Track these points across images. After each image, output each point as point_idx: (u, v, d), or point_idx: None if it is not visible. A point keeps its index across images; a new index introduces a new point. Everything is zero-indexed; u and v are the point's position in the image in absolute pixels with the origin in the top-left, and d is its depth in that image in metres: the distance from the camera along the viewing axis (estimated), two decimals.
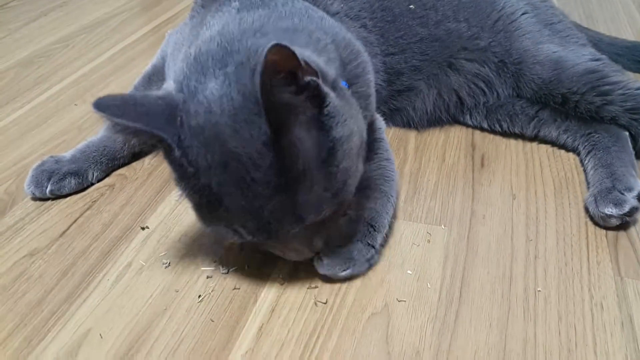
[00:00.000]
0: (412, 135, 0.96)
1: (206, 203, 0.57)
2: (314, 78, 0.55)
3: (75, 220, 0.77)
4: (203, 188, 0.56)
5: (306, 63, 0.54)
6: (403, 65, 0.92)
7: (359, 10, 0.90)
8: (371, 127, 0.78)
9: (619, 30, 1.30)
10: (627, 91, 0.84)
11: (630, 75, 0.97)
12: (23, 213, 0.79)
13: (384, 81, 0.91)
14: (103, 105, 0.54)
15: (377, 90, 0.90)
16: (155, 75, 0.92)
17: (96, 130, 0.91)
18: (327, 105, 0.56)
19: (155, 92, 0.61)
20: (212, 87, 0.56)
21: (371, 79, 0.77)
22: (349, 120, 0.59)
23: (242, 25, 0.66)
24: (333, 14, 0.86)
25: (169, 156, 0.58)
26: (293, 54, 0.51)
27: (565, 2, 1.48)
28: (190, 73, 0.59)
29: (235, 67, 0.57)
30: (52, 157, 0.83)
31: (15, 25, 1.41)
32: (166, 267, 0.69)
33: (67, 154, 0.85)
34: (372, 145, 0.77)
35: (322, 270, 0.66)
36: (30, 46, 1.30)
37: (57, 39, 1.34)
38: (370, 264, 0.68)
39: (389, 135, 0.96)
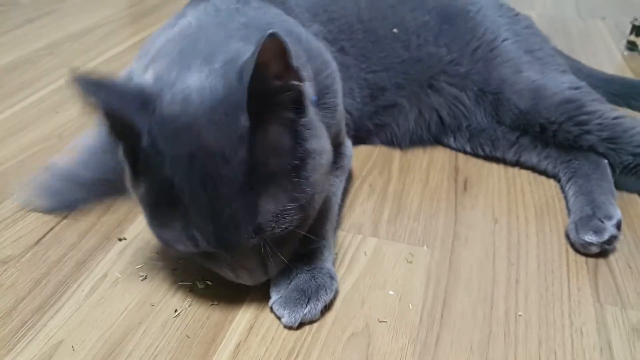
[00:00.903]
0: (396, 155, 0.97)
1: (164, 200, 0.55)
2: (300, 83, 0.55)
3: (51, 229, 0.75)
4: (164, 183, 0.54)
5: (297, 66, 0.54)
6: (386, 82, 0.93)
7: (337, 33, 0.91)
8: (337, 150, 0.76)
9: (599, 64, 1.34)
10: (604, 121, 0.86)
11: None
12: None
13: (366, 96, 0.93)
14: (81, 80, 0.51)
15: (358, 108, 0.92)
16: None
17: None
18: (305, 115, 0.57)
19: (134, 81, 0.59)
20: (194, 80, 0.55)
21: (339, 90, 0.78)
22: (322, 137, 0.60)
23: (229, 26, 0.66)
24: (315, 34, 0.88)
25: (134, 146, 0.54)
26: (288, 49, 0.52)
27: (547, 36, 1.51)
28: (172, 65, 0.58)
29: (223, 64, 0.56)
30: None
31: (1, 31, 1.40)
32: (142, 279, 0.68)
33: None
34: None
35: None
36: (15, 52, 1.29)
37: (43, 46, 1.32)
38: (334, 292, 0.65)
39: (375, 153, 0.97)
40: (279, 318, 0.63)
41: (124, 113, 0.53)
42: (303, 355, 0.59)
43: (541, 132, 0.90)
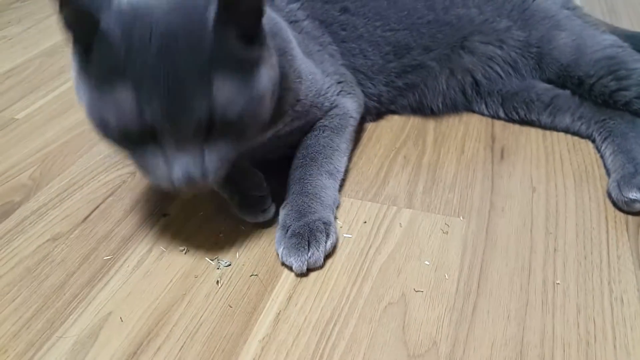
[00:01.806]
0: (430, 126, 0.96)
1: (115, 75, 0.55)
2: None
3: (97, 206, 0.79)
4: (118, 59, 0.55)
5: None
6: (410, 41, 0.92)
7: None
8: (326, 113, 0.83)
9: None
10: None
11: None
12: (47, 198, 0.81)
13: (388, 54, 0.92)
14: None
15: (378, 66, 0.92)
16: None
17: None
18: (259, 29, 0.61)
19: None
20: None
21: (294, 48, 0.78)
22: (273, 56, 0.64)
23: None
24: None
25: (88, 33, 0.56)
26: None
27: None
28: None
29: None
30: None
31: (41, 16, 1.44)
32: (185, 253, 0.70)
33: None
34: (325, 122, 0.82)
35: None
36: (55, 36, 1.32)
37: None
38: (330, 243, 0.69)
39: (408, 125, 0.96)
40: (290, 269, 0.67)
41: (82, 2, 0.54)
42: (341, 323, 0.61)
43: (578, 86, 0.89)
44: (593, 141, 0.88)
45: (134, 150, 0.60)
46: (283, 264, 0.68)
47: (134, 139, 0.58)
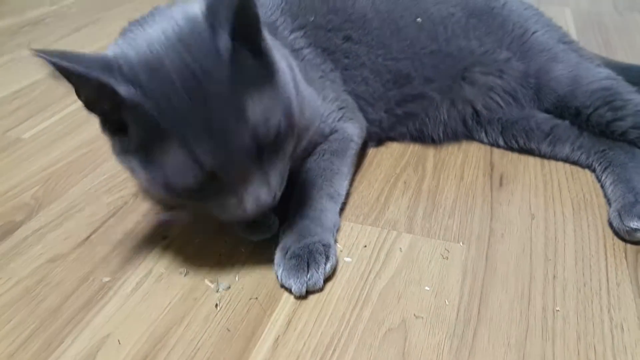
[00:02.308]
0: (430, 153, 0.97)
1: (157, 138, 0.56)
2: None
3: (97, 228, 0.79)
4: (152, 121, 0.55)
5: None
6: (411, 70, 0.94)
7: (342, 22, 0.93)
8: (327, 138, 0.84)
9: (637, 58, 1.30)
10: (639, 109, 0.86)
11: None
12: (48, 219, 0.81)
13: (388, 82, 0.93)
14: (46, 52, 0.53)
15: (379, 93, 0.94)
16: None
17: None
18: (263, 38, 0.61)
19: (97, 54, 0.60)
20: (153, 29, 0.59)
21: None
22: (283, 63, 0.66)
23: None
24: (303, 26, 0.90)
25: (112, 106, 0.56)
26: None
27: (582, 31, 1.48)
28: (128, 33, 0.61)
29: (179, 12, 0.60)
30: None
31: (50, 40, 1.46)
32: (185, 275, 0.70)
33: None
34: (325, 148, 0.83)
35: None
36: None
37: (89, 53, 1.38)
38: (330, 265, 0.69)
39: (408, 151, 0.97)
40: (290, 291, 0.67)
41: (95, 75, 0.54)
42: (340, 349, 0.60)
43: (576, 116, 0.91)
44: (593, 171, 0.89)
45: (201, 198, 0.62)
46: (282, 286, 0.68)
47: (198, 189, 0.59)
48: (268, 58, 0.61)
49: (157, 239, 0.77)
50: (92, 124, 1.04)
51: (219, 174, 0.58)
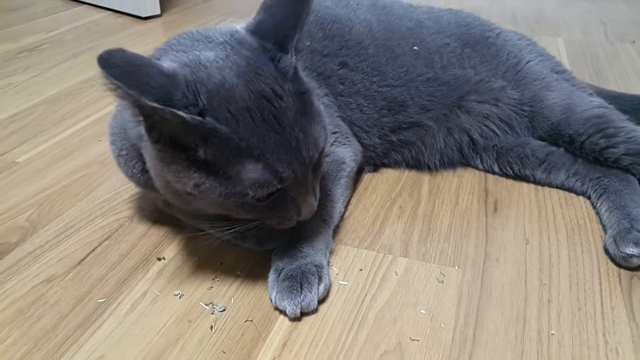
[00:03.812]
0: (425, 178, 0.98)
1: (235, 156, 0.59)
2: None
3: (93, 250, 0.79)
4: (230, 141, 0.59)
5: None
6: (407, 98, 0.95)
7: (338, 49, 0.95)
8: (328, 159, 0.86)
9: (628, 87, 1.34)
10: (631, 135, 0.89)
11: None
12: (43, 240, 0.81)
13: (382, 109, 0.95)
14: (111, 64, 0.54)
15: (373, 120, 0.95)
16: None
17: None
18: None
19: (163, 66, 0.60)
20: (213, 55, 0.62)
21: None
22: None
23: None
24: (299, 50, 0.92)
25: (185, 130, 0.58)
26: None
27: (575, 60, 1.52)
28: (184, 52, 0.63)
29: (225, 38, 0.64)
30: None
31: (47, 66, 1.48)
32: (180, 297, 0.70)
33: None
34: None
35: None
36: (60, 85, 1.36)
37: (85, 79, 1.39)
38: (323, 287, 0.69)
39: (404, 177, 0.98)
40: (284, 313, 0.67)
41: (170, 111, 0.56)
42: None
43: (570, 144, 0.93)
44: (588, 198, 0.90)
45: (264, 209, 0.65)
46: (276, 308, 0.68)
47: (265, 199, 0.63)
48: (305, 82, 0.66)
49: (152, 260, 0.77)
50: (87, 149, 1.06)
51: (290, 183, 0.63)
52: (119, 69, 0.55)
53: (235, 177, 0.61)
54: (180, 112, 0.56)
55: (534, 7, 2.12)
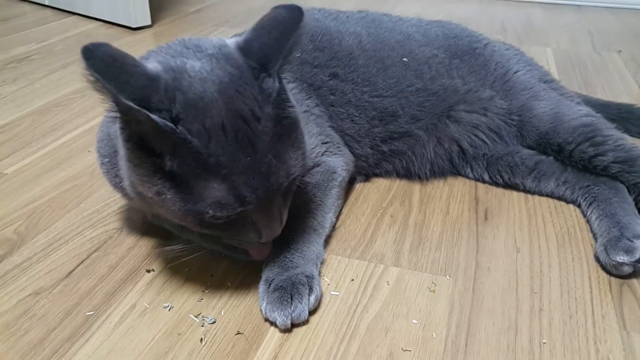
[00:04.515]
0: (416, 187, 0.98)
1: (202, 171, 0.58)
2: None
3: (82, 262, 0.78)
4: (199, 155, 0.57)
5: None
6: (397, 108, 0.95)
7: (328, 60, 0.95)
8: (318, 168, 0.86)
9: (616, 96, 1.35)
10: (619, 143, 0.90)
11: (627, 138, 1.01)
12: (31, 253, 0.80)
13: (373, 119, 0.95)
14: (94, 55, 0.54)
15: (364, 130, 0.95)
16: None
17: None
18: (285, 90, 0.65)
19: (147, 67, 0.59)
20: (199, 65, 0.61)
21: None
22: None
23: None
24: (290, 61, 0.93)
25: (155, 133, 0.57)
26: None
27: (563, 69, 1.54)
28: (170, 57, 0.63)
29: (215, 51, 0.63)
30: None
31: (36, 76, 1.47)
32: (169, 309, 0.69)
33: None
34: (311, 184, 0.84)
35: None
36: (49, 96, 1.35)
37: (75, 90, 1.39)
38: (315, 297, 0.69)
39: (395, 186, 0.98)
40: (275, 325, 0.66)
41: (145, 114, 0.55)
42: None
43: (558, 152, 0.93)
44: (578, 206, 0.90)
45: (224, 228, 0.64)
46: (267, 319, 0.67)
47: (225, 220, 0.62)
48: (290, 98, 0.66)
49: (141, 272, 0.76)
50: (76, 159, 1.06)
51: (253, 208, 0.61)
52: (102, 62, 0.55)
53: (197, 194, 0.59)
54: (153, 116, 0.55)
55: (522, 17, 2.14)
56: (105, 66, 0.54)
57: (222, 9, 2.21)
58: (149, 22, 1.91)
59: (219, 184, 0.59)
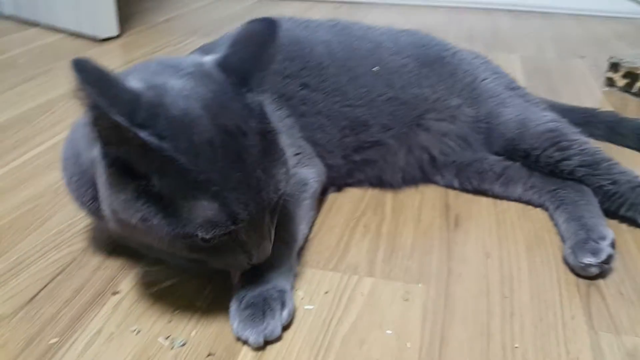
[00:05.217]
0: (389, 196, 0.98)
1: (191, 190, 0.57)
2: None
3: (45, 286, 0.75)
4: (186, 173, 0.56)
5: None
6: (369, 117, 0.95)
7: (299, 70, 0.94)
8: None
9: (580, 101, 1.37)
10: (584, 147, 0.92)
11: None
12: None
13: (345, 128, 0.95)
14: (88, 76, 0.53)
15: (336, 140, 0.95)
16: None
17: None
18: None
19: (129, 84, 0.59)
20: (181, 83, 0.60)
21: None
22: None
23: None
24: None
25: (140, 151, 0.56)
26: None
27: (530, 75, 1.56)
28: (150, 76, 0.62)
29: (193, 69, 0.63)
30: None
31: None
32: (137, 333, 0.67)
33: None
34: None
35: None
36: (11, 110, 1.31)
37: (39, 104, 1.35)
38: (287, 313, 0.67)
39: (367, 195, 0.98)
40: (247, 344, 0.65)
41: (133, 131, 0.54)
42: None
43: (525, 158, 0.95)
44: (546, 210, 0.92)
45: (213, 251, 0.62)
46: (239, 338, 0.66)
47: (215, 241, 0.60)
48: (269, 116, 0.65)
49: (107, 295, 0.74)
50: (40, 177, 1.02)
51: (244, 226, 0.60)
52: (93, 75, 0.53)
53: (185, 215, 0.58)
54: (142, 134, 0.54)
55: (490, 25, 2.18)
56: (97, 79, 0.53)
57: (192, 19, 2.19)
58: (116, 33, 1.88)
59: (209, 202, 0.57)
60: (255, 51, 0.63)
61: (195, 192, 0.57)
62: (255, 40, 0.63)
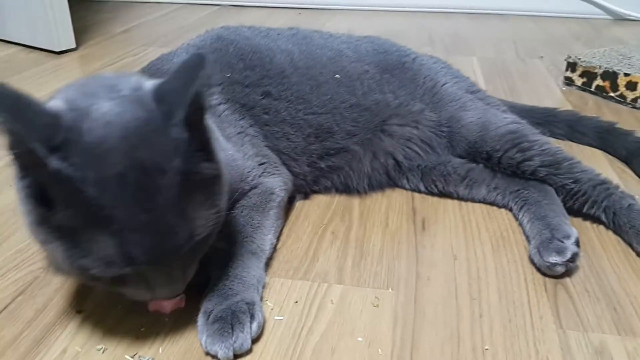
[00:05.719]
0: (356, 202, 0.98)
1: (90, 224, 0.54)
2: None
3: (5, 307, 0.72)
4: (90, 206, 0.53)
5: None
6: (333, 125, 0.96)
7: (260, 79, 0.94)
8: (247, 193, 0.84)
9: (540, 100, 1.41)
10: (545, 148, 0.93)
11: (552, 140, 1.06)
12: None
13: (309, 136, 0.95)
14: (4, 101, 0.51)
15: (300, 148, 0.95)
16: None
17: None
18: (207, 130, 0.62)
19: (51, 105, 0.57)
20: (108, 106, 0.57)
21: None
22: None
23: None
24: (220, 82, 0.91)
25: (45, 175, 0.53)
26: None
27: (489, 77, 1.60)
28: (79, 94, 0.59)
29: (129, 92, 0.59)
30: None
31: None
32: (103, 352, 0.65)
33: None
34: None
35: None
36: None
37: None
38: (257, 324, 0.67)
39: (335, 202, 0.98)
40: (216, 358, 0.63)
41: (34, 144, 0.51)
42: None
43: (488, 160, 0.96)
44: (510, 210, 0.93)
45: (114, 285, 0.60)
46: (208, 353, 0.64)
47: (114, 279, 0.58)
48: (215, 164, 0.62)
49: (72, 314, 0.71)
50: None
51: (142, 270, 0.57)
52: (8, 100, 0.51)
53: (83, 247, 0.55)
54: (53, 162, 0.52)
55: (449, 28, 2.22)
56: (11, 105, 0.51)
57: (150, 29, 2.16)
58: (73, 45, 1.84)
59: (107, 239, 0.54)
60: (182, 84, 0.57)
61: (95, 227, 0.54)
62: (184, 73, 0.59)
